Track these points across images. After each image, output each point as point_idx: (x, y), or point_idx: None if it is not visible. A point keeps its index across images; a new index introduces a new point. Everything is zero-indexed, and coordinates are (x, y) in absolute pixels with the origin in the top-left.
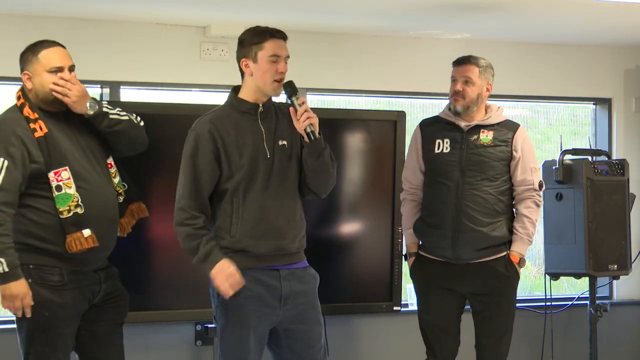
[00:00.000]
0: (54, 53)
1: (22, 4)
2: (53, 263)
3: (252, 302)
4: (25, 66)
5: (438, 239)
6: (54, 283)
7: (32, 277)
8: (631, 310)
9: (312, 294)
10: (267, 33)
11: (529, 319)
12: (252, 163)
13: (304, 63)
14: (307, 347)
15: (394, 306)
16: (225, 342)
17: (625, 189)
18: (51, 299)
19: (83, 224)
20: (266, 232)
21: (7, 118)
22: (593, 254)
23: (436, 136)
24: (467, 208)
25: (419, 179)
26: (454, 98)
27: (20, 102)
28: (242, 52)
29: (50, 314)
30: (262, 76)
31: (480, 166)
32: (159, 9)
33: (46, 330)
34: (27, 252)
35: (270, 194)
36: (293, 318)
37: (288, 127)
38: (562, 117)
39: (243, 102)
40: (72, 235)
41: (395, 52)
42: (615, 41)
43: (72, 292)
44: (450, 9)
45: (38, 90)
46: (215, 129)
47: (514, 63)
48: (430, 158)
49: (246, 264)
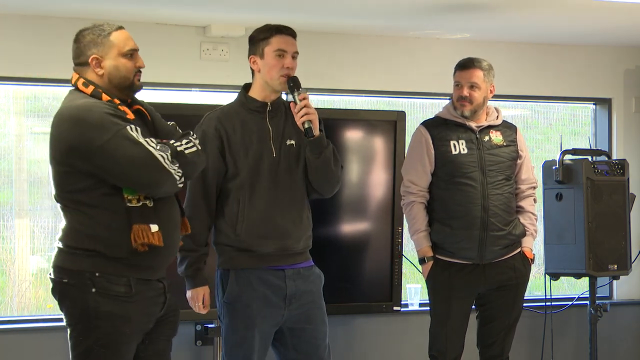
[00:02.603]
0: (123, 35)
1: (22, 4)
2: (120, 271)
3: (257, 302)
4: (94, 50)
5: (464, 240)
6: (119, 294)
7: (96, 287)
8: (631, 310)
9: (317, 294)
10: (274, 29)
11: (529, 319)
12: (257, 162)
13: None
14: (313, 346)
15: (394, 306)
16: (229, 342)
17: (625, 189)
18: (115, 312)
19: (151, 219)
20: (271, 232)
21: (93, 102)
22: (593, 254)
23: (449, 137)
24: (494, 208)
25: (427, 181)
26: (460, 103)
27: (90, 88)
28: (251, 49)
29: (113, 328)
30: (269, 71)
31: (499, 166)
32: (159, 9)
33: (107, 346)
34: (92, 257)
35: (277, 194)
36: (298, 317)
37: (296, 125)
38: (562, 117)
39: (252, 100)
40: (139, 226)
41: (395, 52)
42: (615, 41)
43: (138, 305)
44: (450, 9)
45: (112, 74)
46: (221, 126)
47: (514, 63)
48: (447, 159)
49: (250, 264)
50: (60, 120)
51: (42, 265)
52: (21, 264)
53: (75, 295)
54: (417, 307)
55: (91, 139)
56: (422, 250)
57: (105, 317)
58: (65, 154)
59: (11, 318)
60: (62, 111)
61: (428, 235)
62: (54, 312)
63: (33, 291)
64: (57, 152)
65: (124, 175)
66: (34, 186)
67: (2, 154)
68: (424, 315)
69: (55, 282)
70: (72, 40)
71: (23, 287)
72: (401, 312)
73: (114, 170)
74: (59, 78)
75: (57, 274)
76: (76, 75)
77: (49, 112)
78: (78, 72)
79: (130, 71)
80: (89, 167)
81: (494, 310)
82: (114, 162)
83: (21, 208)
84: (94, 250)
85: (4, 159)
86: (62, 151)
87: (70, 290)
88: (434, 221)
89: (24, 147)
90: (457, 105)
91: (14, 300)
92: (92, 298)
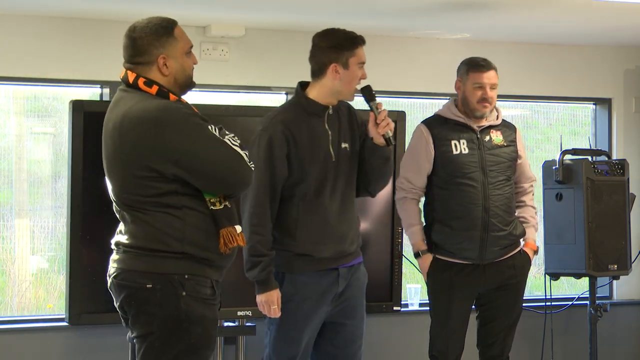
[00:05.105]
0: (182, 31)
1: (22, 4)
2: (206, 273)
3: (309, 303)
4: (161, 49)
5: (465, 241)
6: (207, 297)
7: (186, 290)
8: (631, 310)
9: (362, 290)
10: (358, 39)
11: (529, 319)
12: (321, 167)
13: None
14: (349, 342)
15: (394, 306)
16: (278, 342)
17: (625, 189)
18: (207, 315)
19: (234, 219)
20: (330, 238)
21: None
22: (593, 254)
23: (450, 137)
24: (494, 208)
25: (424, 180)
26: (482, 105)
27: (154, 88)
28: (333, 55)
29: (205, 332)
30: (350, 82)
31: (500, 166)
32: (159, 9)
33: (198, 351)
34: (180, 260)
35: (335, 198)
36: (342, 313)
37: (349, 128)
38: (562, 117)
39: (314, 103)
40: (227, 229)
41: (395, 52)
42: (615, 41)
43: (217, 307)
44: (450, 9)
45: (179, 74)
46: (288, 131)
47: (513, 63)
48: (448, 159)
49: (308, 267)
50: (136, 123)
51: (42, 265)
52: (21, 264)
53: (163, 300)
54: (417, 307)
55: (179, 142)
56: (416, 244)
57: (197, 321)
58: (148, 158)
59: (11, 318)
60: (136, 113)
61: (421, 229)
62: (54, 312)
63: (33, 291)
64: (134, 156)
65: (213, 176)
66: (34, 186)
67: (2, 154)
68: (424, 315)
69: (136, 288)
70: (125, 36)
71: (23, 287)
72: (401, 312)
73: (203, 172)
74: (59, 78)
75: (138, 279)
76: (132, 74)
77: (49, 112)
78: (136, 70)
79: (192, 69)
80: (175, 171)
81: (494, 310)
82: (203, 163)
83: (21, 208)
84: (182, 252)
85: (4, 159)
86: (144, 155)
87: (156, 294)
88: (435, 221)
89: (24, 147)
90: (479, 107)
91: (14, 300)
92: (182, 301)
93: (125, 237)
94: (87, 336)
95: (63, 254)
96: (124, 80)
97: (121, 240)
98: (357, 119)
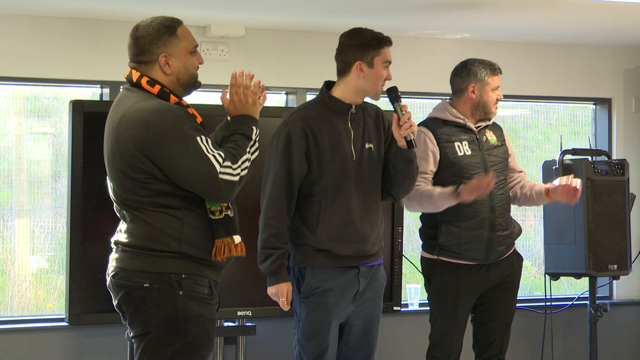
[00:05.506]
0: (187, 30)
1: (22, 4)
2: (203, 272)
3: (333, 298)
4: (163, 48)
5: (473, 241)
6: (204, 296)
7: (183, 289)
8: (631, 310)
9: (380, 293)
10: (385, 39)
11: (529, 319)
12: (340, 165)
13: (304, 63)
14: (363, 344)
15: (394, 306)
16: (306, 334)
17: (625, 189)
18: (204, 314)
19: (233, 229)
20: (350, 236)
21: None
22: (593, 254)
23: (453, 139)
24: (499, 208)
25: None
26: (496, 107)
27: (156, 88)
28: (358, 54)
29: (202, 331)
30: (375, 81)
31: (499, 166)
32: (160, 9)
33: (194, 350)
34: (178, 259)
35: (358, 198)
36: (359, 314)
37: (375, 130)
38: (562, 117)
39: (337, 101)
40: (222, 240)
41: (395, 52)
42: (615, 41)
43: (215, 306)
44: (450, 9)
45: (181, 73)
46: (308, 127)
47: (513, 63)
48: (453, 161)
49: (328, 264)
50: (132, 124)
51: (42, 265)
52: (21, 264)
53: (160, 299)
54: (417, 307)
55: (163, 148)
56: (445, 192)
57: (194, 320)
58: (140, 160)
59: (11, 318)
60: (133, 113)
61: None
62: (53, 312)
63: (33, 291)
64: (129, 157)
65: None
66: (34, 186)
67: (2, 154)
68: (424, 315)
69: (133, 288)
70: (129, 36)
71: (23, 287)
72: (401, 312)
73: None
74: (59, 78)
75: (135, 278)
76: (137, 72)
77: (49, 112)
78: (139, 69)
79: (196, 69)
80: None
81: (493, 309)
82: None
83: (21, 208)
84: (180, 252)
85: (4, 159)
86: (137, 157)
87: (153, 294)
88: (441, 223)
89: (24, 147)
90: (494, 110)
91: (14, 300)
92: (179, 301)
93: (124, 235)
94: (87, 336)
95: (63, 254)
96: (128, 79)
97: (120, 239)
98: (384, 122)
